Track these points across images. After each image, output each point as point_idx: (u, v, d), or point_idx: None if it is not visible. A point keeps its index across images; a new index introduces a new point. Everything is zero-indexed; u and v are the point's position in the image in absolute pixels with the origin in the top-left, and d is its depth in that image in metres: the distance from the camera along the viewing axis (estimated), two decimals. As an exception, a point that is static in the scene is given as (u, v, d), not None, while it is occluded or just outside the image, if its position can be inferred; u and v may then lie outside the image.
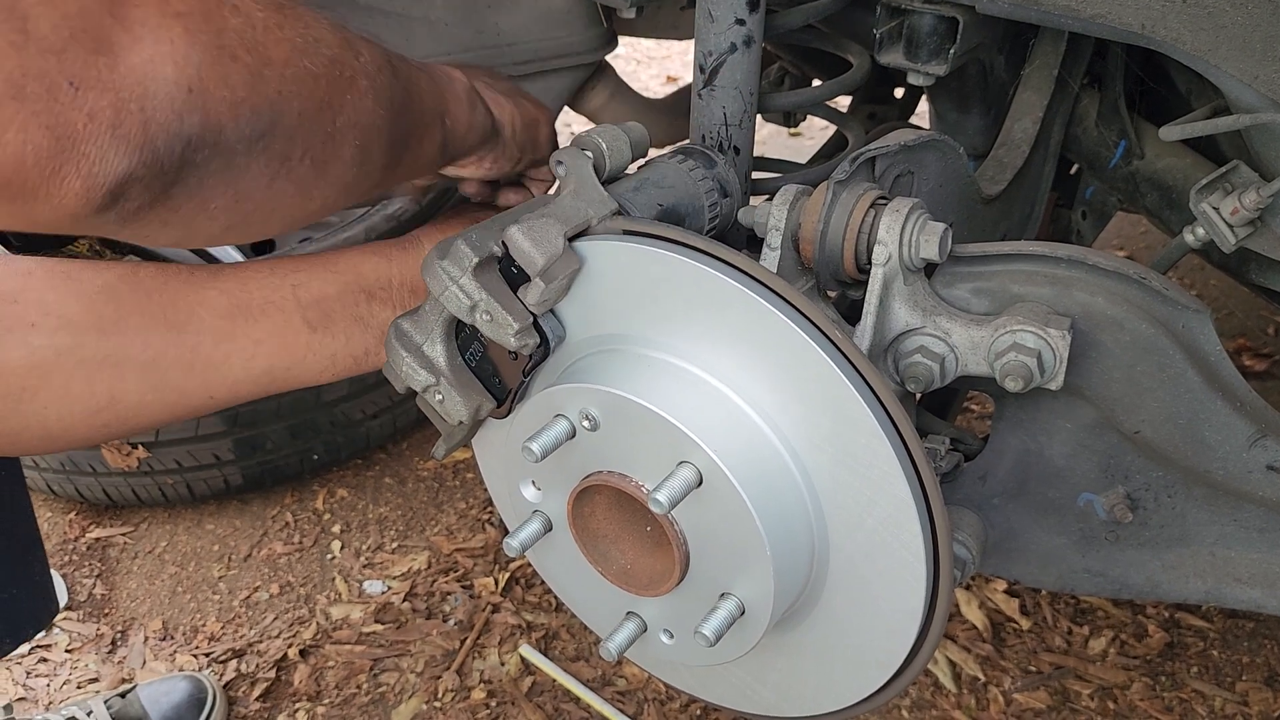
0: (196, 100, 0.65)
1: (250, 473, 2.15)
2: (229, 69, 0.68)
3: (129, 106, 0.61)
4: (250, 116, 0.70)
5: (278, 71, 0.72)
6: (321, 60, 0.77)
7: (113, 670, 1.91)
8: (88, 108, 0.59)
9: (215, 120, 0.67)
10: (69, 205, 0.62)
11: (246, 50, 0.69)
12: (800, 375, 0.80)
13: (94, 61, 0.60)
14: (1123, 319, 0.88)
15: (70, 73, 0.58)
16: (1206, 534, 0.99)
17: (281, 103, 0.73)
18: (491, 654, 1.90)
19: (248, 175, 0.73)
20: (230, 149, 0.70)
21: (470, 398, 0.92)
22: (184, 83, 0.64)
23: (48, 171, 0.60)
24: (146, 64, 0.62)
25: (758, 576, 0.82)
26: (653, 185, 0.95)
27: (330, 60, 0.78)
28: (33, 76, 0.57)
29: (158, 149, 0.64)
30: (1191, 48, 0.89)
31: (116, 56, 0.61)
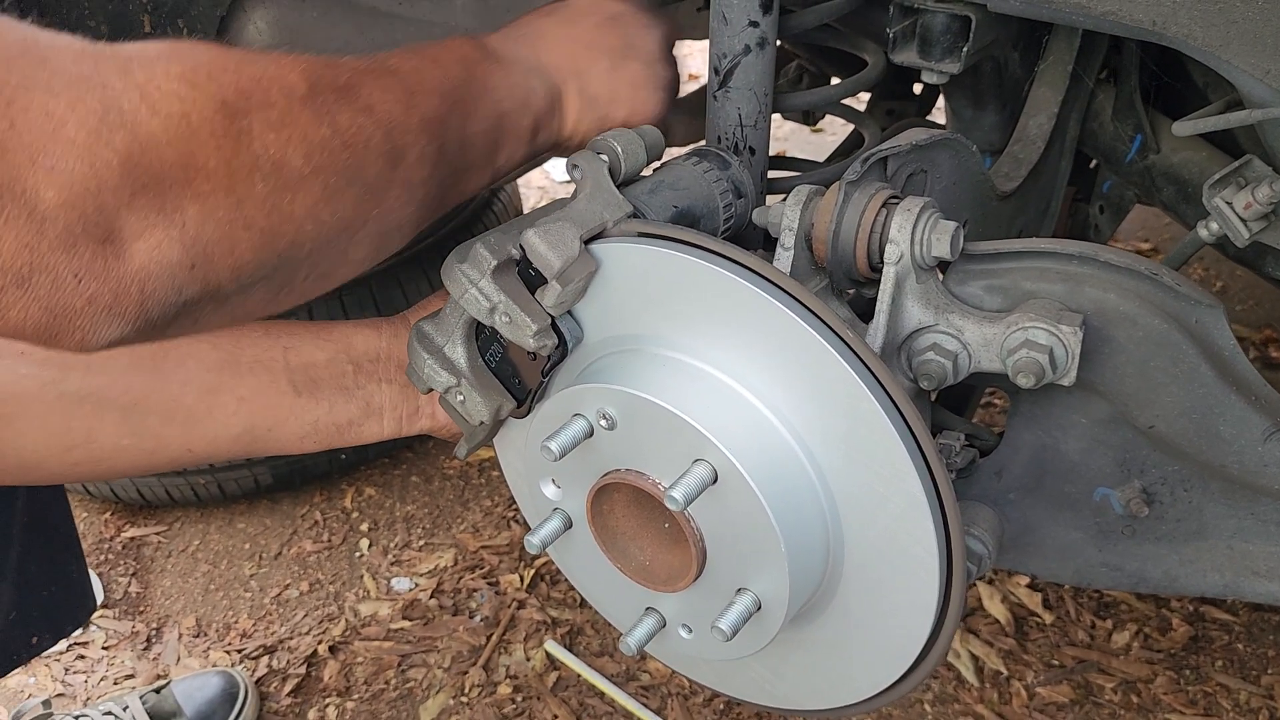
0: (198, 274, 0.66)
1: (280, 472, 2.19)
2: (239, 238, 0.67)
3: (129, 291, 0.63)
4: (254, 272, 0.70)
5: (295, 226, 0.71)
6: (352, 195, 0.75)
7: (148, 666, 1.95)
8: (88, 294, 0.61)
9: (215, 284, 0.68)
10: (65, 350, 0.65)
11: (265, 215, 0.69)
12: (813, 374, 0.81)
13: (100, 252, 0.61)
14: (1135, 315, 0.89)
15: (76, 267, 0.60)
16: (1224, 527, 0.99)
17: (292, 251, 0.72)
18: (517, 649, 1.93)
19: (245, 306, 0.74)
20: (226, 297, 0.70)
21: (491, 398, 0.94)
22: (188, 261, 0.65)
23: (44, 338, 0.62)
24: (152, 250, 0.63)
25: (773, 572, 0.84)
26: (668, 187, 0.96)
27: (364, 189, 0.76)
28: (40, 270, 0.59)
29: (152, 318, 0.65)
30: (1203, 43, 0.90)
31: (122, 245, 0.62)
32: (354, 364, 1.03)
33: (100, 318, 0.63)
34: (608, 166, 0.91)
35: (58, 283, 0.60)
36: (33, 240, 0.58)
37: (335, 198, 0.74)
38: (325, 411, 1.02)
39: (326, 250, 0.76)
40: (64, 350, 0.64)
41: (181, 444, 1.00)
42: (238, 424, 1.00)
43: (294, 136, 0.70)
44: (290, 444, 1.03)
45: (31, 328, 0.61)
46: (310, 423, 1.02)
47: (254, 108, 0.68)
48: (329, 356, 1.03)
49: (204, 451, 1.01)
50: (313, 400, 1.01)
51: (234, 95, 0.67)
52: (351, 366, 1.03)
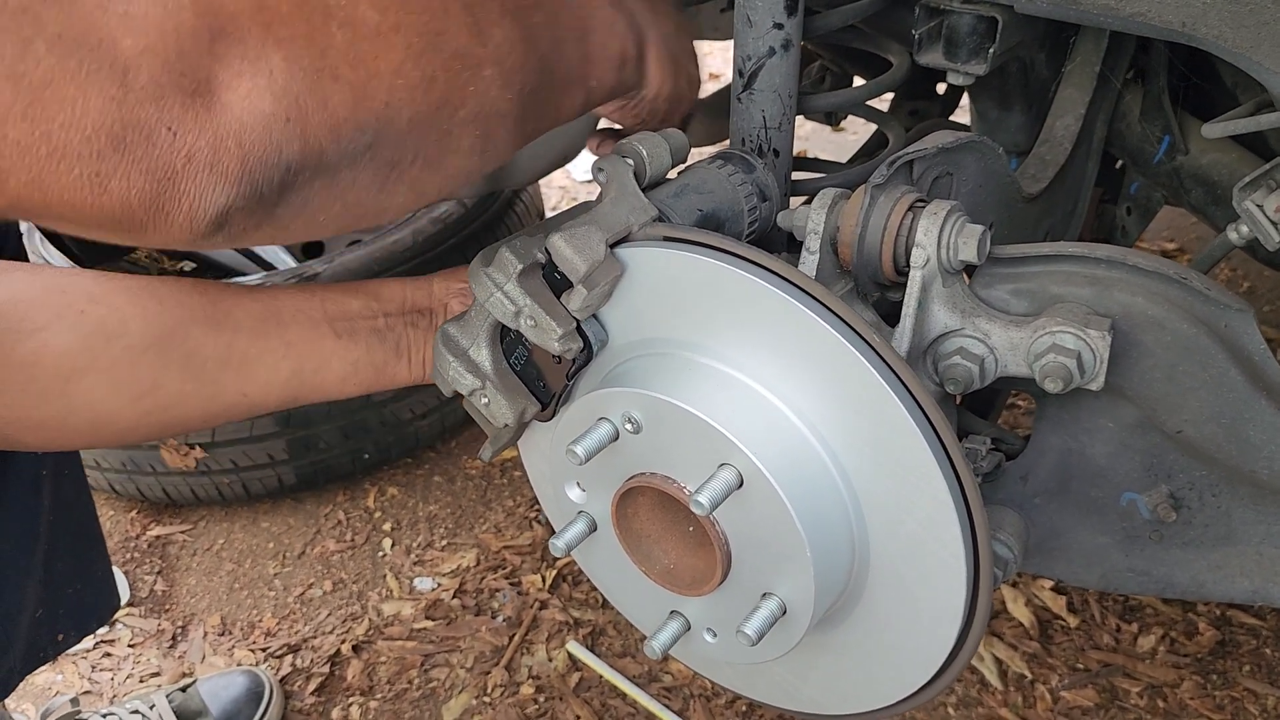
0: (295, 129, 0.64)
1: (303, 472, 2.20)
2: (329, 90, 0.66)
3: (226, 144, 0.61)
4: (354, 134, 0.68)
5: (386, 83, 0.69)
6: (440, 59, 0.72)
7: (173, 665, 1.97)
8: (186, 149, 0.60)
9: (315, 144, 0.66)
10: (176, 234, 0.63)
11: (351, 66, 0.67)
12: (838, 378, 0.81)
13: (191, 104, 0.59)
14: (1163, 319, 0.88)
15: (168, 119, 0.59)
16: (1252, 533, 0.98)
17: (389, 113, 0.70)
18: (539, 650, 1.93)
19: (355, 187, 0.72)
20: (333, 167, 0.68)
21: (516, 401, 0.94)
22: (281, 114, 0.63)
23: (152, 210, 0.61)
24: (243, 100, 0.61)
25: (799, 577, 0.84)
26: (692, 191, 0.96)
27: (452, 55, 0.73)
28: (132, 127, 0.58)
29: (256, 180, 0.63)
30: (1233, 44, 0.89)
31: (214, 96, 0.60)
32: (384, 311, 1.09)
33: (204, 178, 0.61)
34: (633, 170, 0.91)
35: (153, 139, 0.58)
36: (119, 93, 0.56)
37: (422, 59, 0.71)
38: (363, 352, 1.07)
39: (428, 126, 0.74)
40: (176, 230, 0.62)
41: (237, 388, 1.04)
42: (286, 367, 1.04)
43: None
44: (333, 386, 1.08)
45: (137, 197, 0.59)
46: (351, 363, 1.07)
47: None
48: (362, 304, 1.09)
49: (258, 396, 1.06)
50: (351, 342, 1.06)
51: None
52: (382, 312, 1.09)
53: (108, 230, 0.62)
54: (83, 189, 0.58)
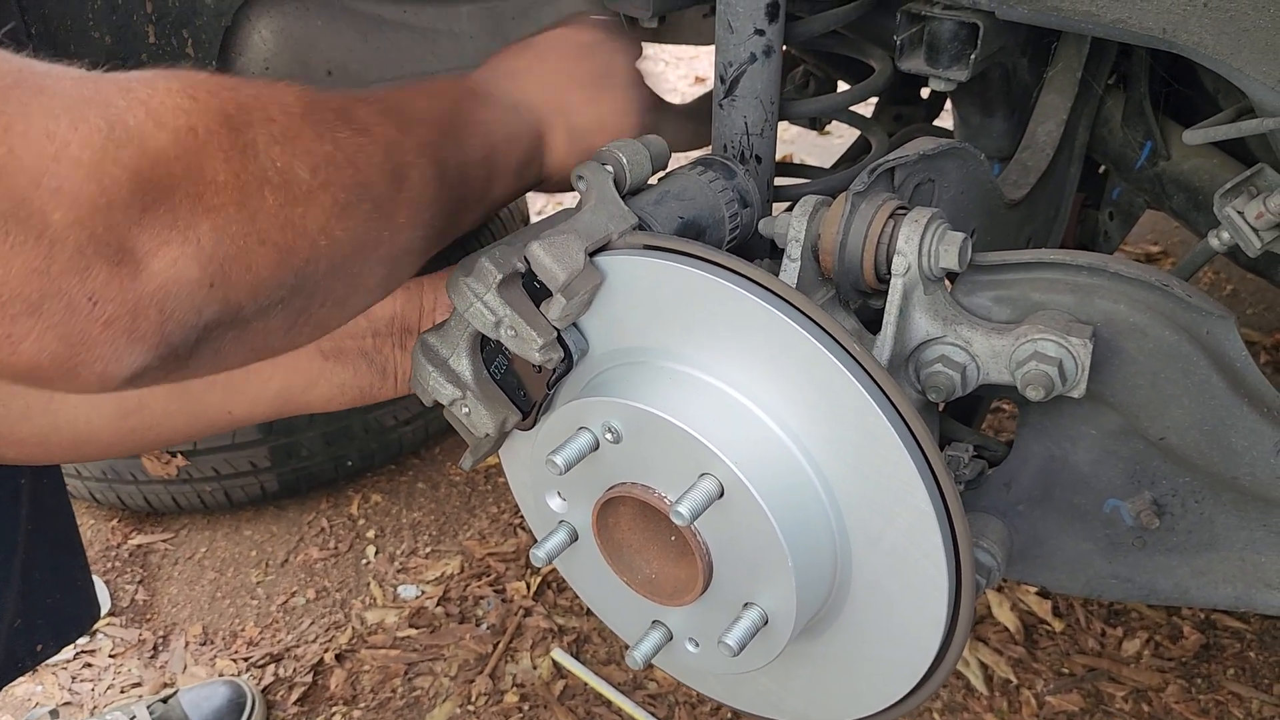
0: (217, 293, 0.65)
1: (286, 479, 2.19)
2: (255, 255, 0.66)
3: (147, 312, 0.61)
4: (273, 291, 0.69)
5: (309, 241, 0.70)
6: (361, 213, 0.74)
7: (155, 675, 1.95)
8: (105, 317, 0.59)
9: (235, 304, 0.67)
10: (84, 389, 0.63)
11: (279, 229, 0.68)
12: (820, 387, 0.80)
13: (116, 273, 0.59)
14: (1145, 326, 0.88)
15: (90, 289, 0.58)
16: (1235, 539, 0.98)
17: (308, 268, 0.71)
18: (524, 658, 1.92)
19: (264, 334, 0.73)
20: (247, 320, 0.69)
21: (496, 411, 0.93)
22: (205, 280, 0.63)
23: (62, 371, 0.60)
24: (169, 268, 0.61)
25: (780, 587, 0.83)
26: (673, 198, 0.96)
27: (371, 207, 0.75)
28: (51, 296, 0.57)
29: (173, 343, 0.64)
30: (1214, 52, 0.89)
31: (139, 265, 0.60)
32: (373, 330, 1.09)
33: (120, 343, 0.61)
34: (613, 177, 0.91)
35: (72, 307, 0.58)
36: (42, 264, 0.56)
37: (346, 214, 0.73)
38: (351, 375, 1.08)
39: (341, 272, 0.75)
40: (85, 388, 0.62)
41: (222, 406, 1.05)
42: (273, 386, 1.05)
43: (298, 150, 0.69)
44: (319, 404, 1.09)
45: (49, 359, 0.59)
46: (338, 385, 1.08)
47: (256, 121, 0.67)
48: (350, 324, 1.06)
49: (243, 413, 1.06)
50: (339, 364, 1.07)
51: (235, 110, 0.66)
52: (371, 332, 1.09)
53: (15, 383, 0.61)
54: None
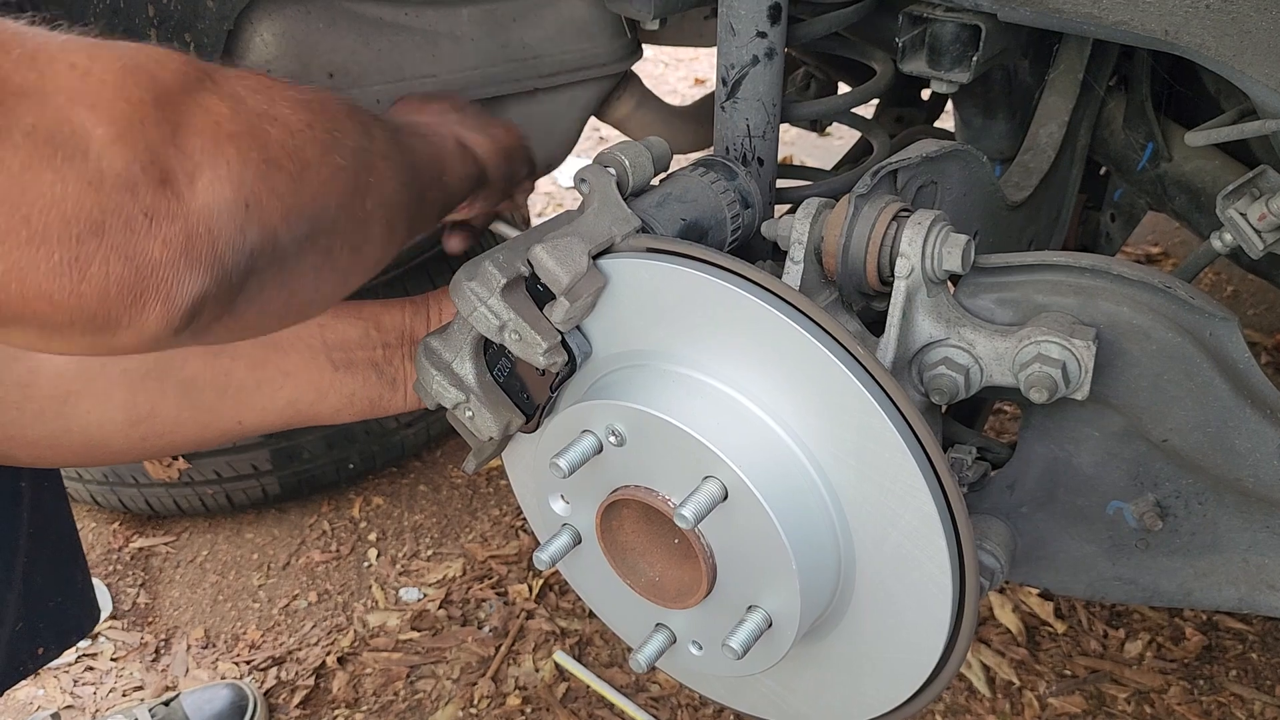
0: (254, 214, 0.68)
1: (288, 482, 2.18)
2: (276, 179, 0.70)
3: (198, 230, 0.63)
4: (298, 218, 0.73)
5: (314, 173, 0.74)
6: (346, 151, 0.79)
7: (156, 678, 1.95)
8: (162, 236, 0.61)
9: (271, 228, 0.69)
10: (150, 329, 0.64)
11: (289, 158, 0.71)
12: (823, 390, 0.80)
13: (163, 192, 0.61)
14: (1149, 328, 0.88)
15: (144, 206, 0.60)
16: (1238, 541, 0.98)
17: (321, 199, 0.75)
18: (526, 660, 1.92)
19: (298, 273, 0.75)
20: (284, 253, 0.72)
21: (500, 414, 0.93)
22: (241, 200, 0.66)
23: (129, 300, 0.61)
24: (208, 188, 0.64)
25: (784, 589, 0.83)
26: (675, 200, 0.96)
27: (353, 150, 0.80)
28: (110, 212, 0.59)
29: (226, 266, 0.66)
30: (1216, 53, 0.89)
31: (182, 185, 0.63)
32: (383, 342, 1.11)
33: (179, 264, 0.62)
34: (615, 180, 0.91)
35: (130, 225, 0.60)
36: (95, 178, 0.58)
37: (332, 152, 0.77)
38: (360, 385, 1.09)
39: (347, 212, 0.79)
40: (151, 317, 0.63)
41: (233, 416, 1.06)
42: (283, 396, 1.07)
43: (275, 96, 0.74)
44: (327, 415, 1.10)
45: (116, 284, 0.60)
46: (347, 396, 1.09)
47: (230, 77, 0.71)
48: (360, 333, 1.11)
49: (253, 423, 1.08)
50: (349, 375, 1.09)
51: (213, 70, 0.70)
52: (381, 344, 1.11)
53: (79, 330, 0.62)
54: (62, 276, 0.58)
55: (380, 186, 0.84)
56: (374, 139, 0.85)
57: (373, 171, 0.83)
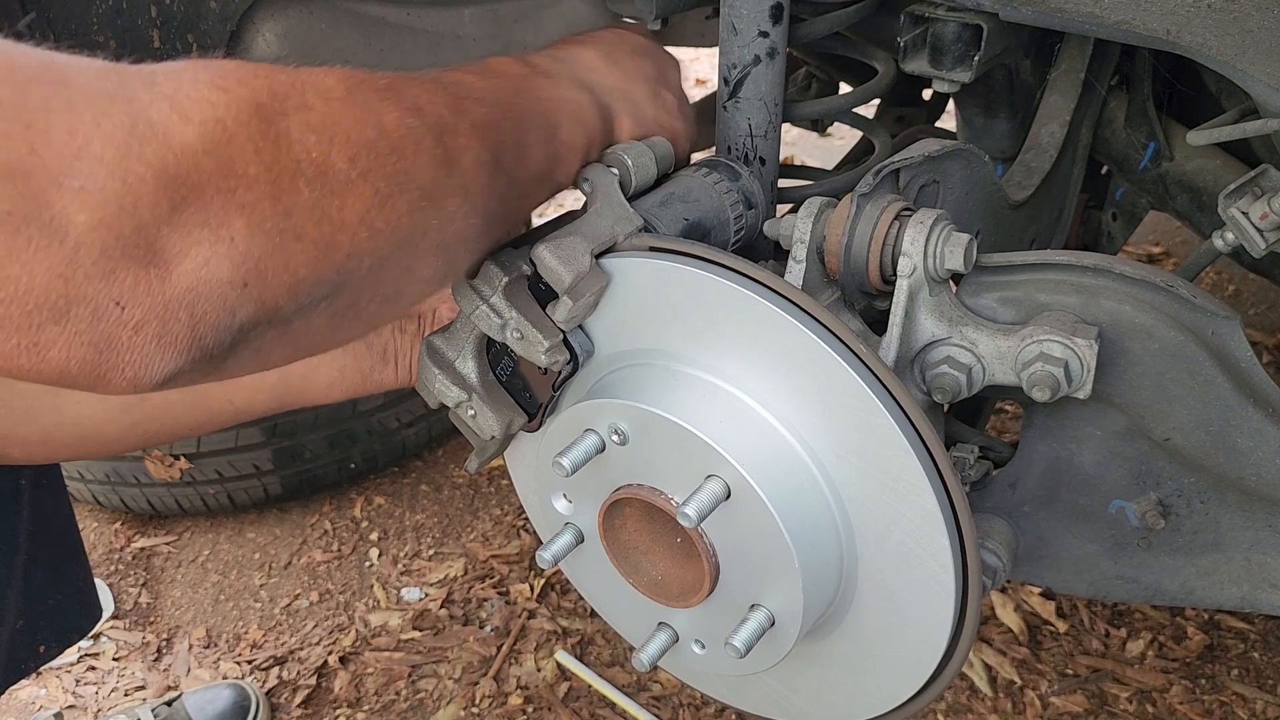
0: (252, 293, 0.62)
1: (289, 482, 2.19)
2: (291, 251, 0.63)
3: (177, 315, 0.58)
4: (313, 289, 0.66)
5: (350, 234, 0.66)
6: (406, 201, 0.70)
7: (159, 678, 1.95)
8: (134, 322, 0.57)
9: (271, 304, 0.64)
10: (116, 393, 0.61)
11: (316, 224, 0.64)
12: (826, 389, 0.80)
13: (144, 276, 0.57)
14: (1151, 327, 0.88)
15: (117, 294, 0.56)
16: (1241, 540, 0.98)
17: (350, 264, 0.68)
18: (528, 660, 1.92)
19: (307, 332, 0.69)
20: (286, 320, 0.66)
21: (502, 413, 0.94)
22: (239, 279, 0.61)
23: (92, 377, 0.58)
24: (200, 268, 0.59)
25: (787, 588, 0.83)
26: (678, 200, 0.96)
27: (418, 194, 0.71)
28: (77, 302, 0.55)
29: (206, 346, 0.61)
30: (1218, 53, 0.89)
31: (169, 266, 0.58)
32: None
33: (150, 348, 0.58)
34: (618, 180, 0.91)
35: (99, 312, 0.56)
36: (66, 269, 0.54)
37: (388, 204, 0.69)
38: (350, 358, 1.07)
39: (388, 265, 0.71)
40: (116, 391, 0.60)
41: (223, 396, 1.04)
42: (274, 374, 1.04)
43: (336, 138, 0.66)
44: (319, 392, 1.08)
45: (77, 366, 0.57)
46: (338, 369, 1.07)
47: (290, 110, 0.64)
48: None
49: (244, 403, 1.06)
50: (339, 349, 1.06)
51: (268, 98, 0.63)
52: None
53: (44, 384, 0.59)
54: (20, 356, 0.56)
55: (443, 228, 0.75)
56: (456, 168, 0.74)
57: (438, 213, 0.73)
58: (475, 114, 0.78)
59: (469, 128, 0.76)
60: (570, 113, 0.90)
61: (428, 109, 0.73)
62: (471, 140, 0.76)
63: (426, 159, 0.72)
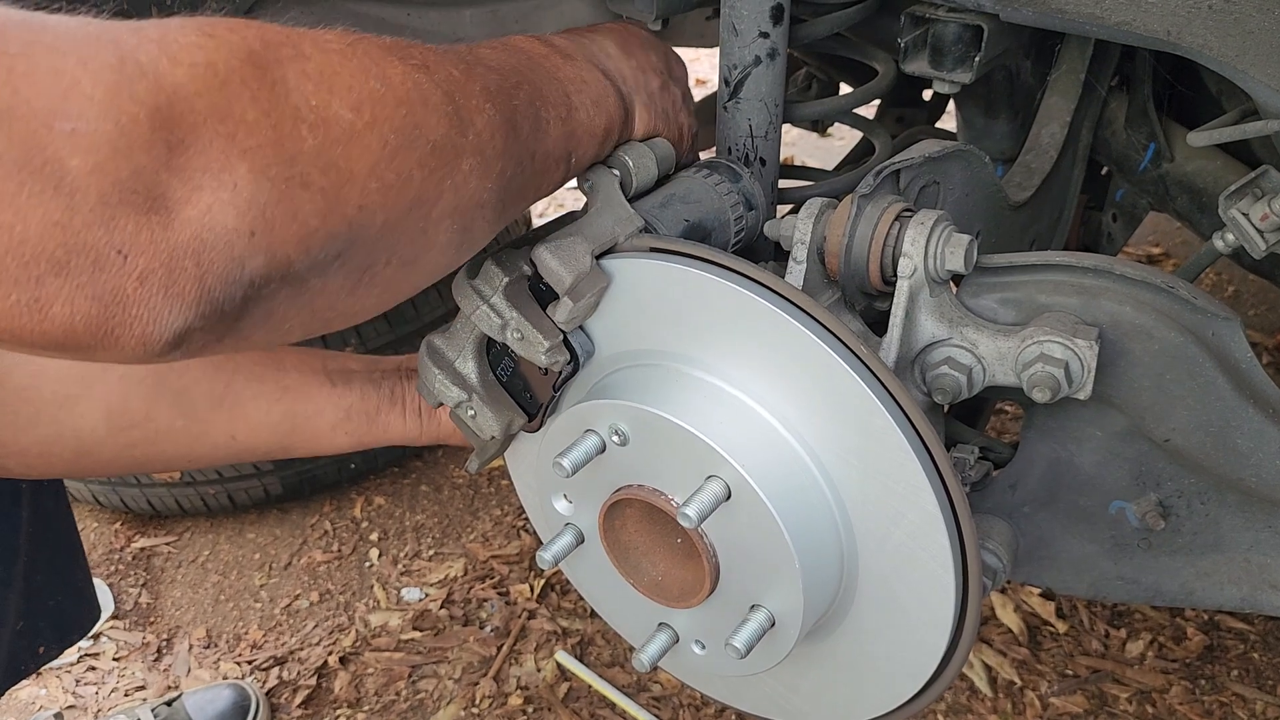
0: (260, 242, 0.59)
1: (289, 482, 2.19)
2: (299, 200, 0.61)
3: (183, 264, 0.56)
4: (324, 243, 0.63)
5: (359, 186, 0.64)
6: (417, 155, 0.67)
7: (159, 678, 1.95)
8: (138, 272, 0.55)
9: (282, 257, 0.61)
10: (128, 356, 0.58)
11: (322, 172, 0.61)
12: (826, 389, 0.80)
13: (146, 223, 0.54)
14: (1151, 328, 0.88)
15: (119, 241, 0.54)
16: (1240, 540, 0.98)
17: (362, 217, 0.65)
18: (528, 660, 1.92)
19: (323, 294, 0.67)
20: (301, 277, 0.63)
21: (502, 413, 0.94)
22: (245, 228, 0.58)
23: (99, 334, 0.56)
24: (204, 215, 0.56)
25: (787, 589, 0.83)
26: (679, 201, 0.96)
27: (430, 149, 0.68)
28: (77, 251, 0.53)
29: (216, 299, 0.58)
30: (1219, 54, 0.89)
31: (171, 214, 0.55)
32: (381, 368, 1.13)
33: (157, 300, 0.56)
34: (619, 180, 0.91)
35: (100, 262, 0.53)
36: (64, 216, 0.52)
37: (398, 157, 0.66)
38: (357, 398, 1.09)
39: (404, 226, 0.68)
40: (127, 353, 0.57)
41: (226, 430, 1.05)
42: (279, 410, 1.06)
43: (337, 86, 0.63)
44: (324, 433, 1.08)
45: (82, 322, 0.54)
46: (344, 409, 1.08)
47: (285, 58, 0.61)
48: (360, 363, 1.13)
49: (246, 438, 1.06)
50: (346, 388, 1.09)
51: (260, 46, 0.60)
52: (379, 369, 1.13)
53: (51, 353, 0.57)
54: (21, 314, 0.53)
55: (458, 189, 0.72)
56: (469, 128, 0.71)
57: (453, 172, 0.70)
58: (488, 80, 0.75)
59: (481, 90, 0.74)
60: (590, 96, 0.88)
61: (435, 68, 0.70)
62: (484, 102, 0.74)
63: (437, 115, 0.69)
